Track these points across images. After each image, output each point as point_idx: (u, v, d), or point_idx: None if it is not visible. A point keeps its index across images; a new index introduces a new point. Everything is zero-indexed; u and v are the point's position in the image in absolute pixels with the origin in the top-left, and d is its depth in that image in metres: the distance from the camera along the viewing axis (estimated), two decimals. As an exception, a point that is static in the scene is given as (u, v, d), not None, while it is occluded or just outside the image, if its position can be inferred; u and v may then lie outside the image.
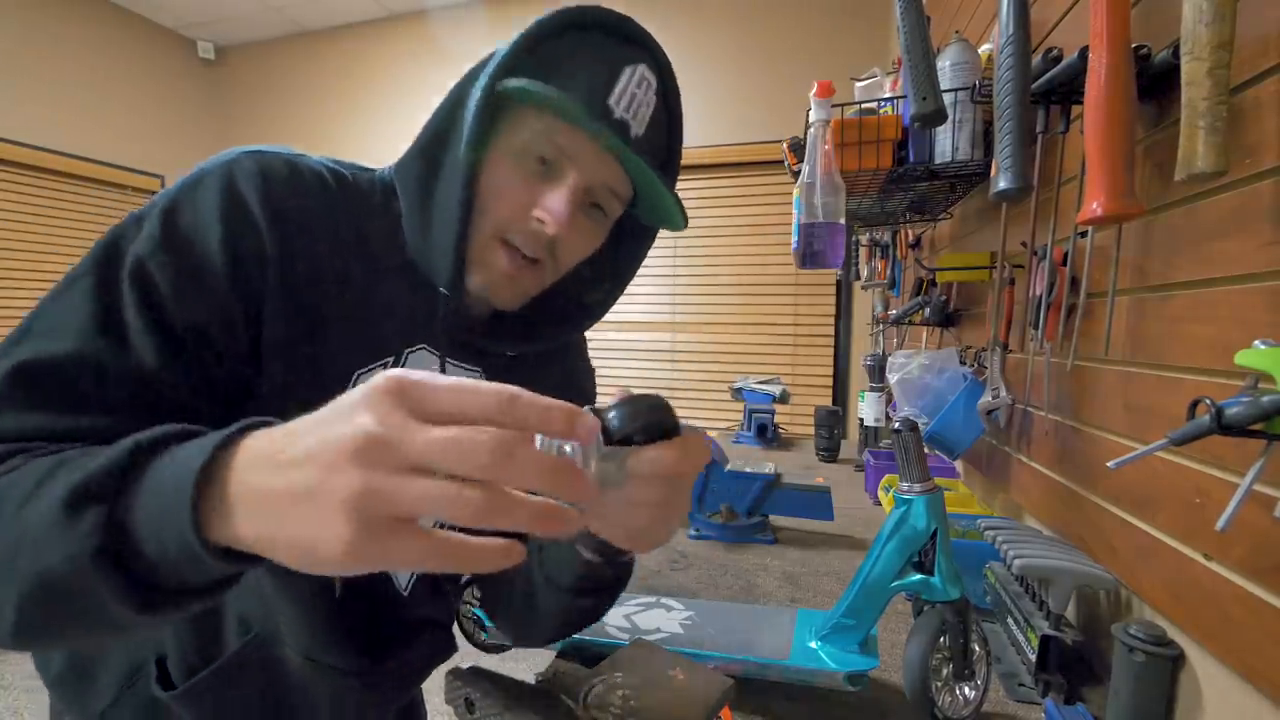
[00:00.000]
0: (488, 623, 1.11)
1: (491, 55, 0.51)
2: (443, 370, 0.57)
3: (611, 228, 0.57)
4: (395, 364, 0.56)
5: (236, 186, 0.47)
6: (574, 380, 0.72)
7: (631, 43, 0.52)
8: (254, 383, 0.49)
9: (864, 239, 2.03)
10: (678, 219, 0.55)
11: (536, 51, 0.50)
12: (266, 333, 0.48)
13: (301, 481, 0.27)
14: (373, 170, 0.58)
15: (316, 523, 0.26)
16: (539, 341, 0.61)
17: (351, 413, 0.27)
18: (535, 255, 0.52)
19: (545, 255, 0.53)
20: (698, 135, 2.85)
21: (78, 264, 0.45)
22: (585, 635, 0.84)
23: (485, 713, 0.60)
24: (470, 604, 1.14)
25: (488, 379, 0.59)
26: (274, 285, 0.48)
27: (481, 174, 0.50)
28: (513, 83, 0.46)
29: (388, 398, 0.27)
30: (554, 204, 0.50)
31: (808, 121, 1.01)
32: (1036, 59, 0.72)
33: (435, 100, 0.52)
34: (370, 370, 0.55)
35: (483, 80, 0.49)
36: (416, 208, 0.53)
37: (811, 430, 1.93)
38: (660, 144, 0.54)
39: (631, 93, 0.50)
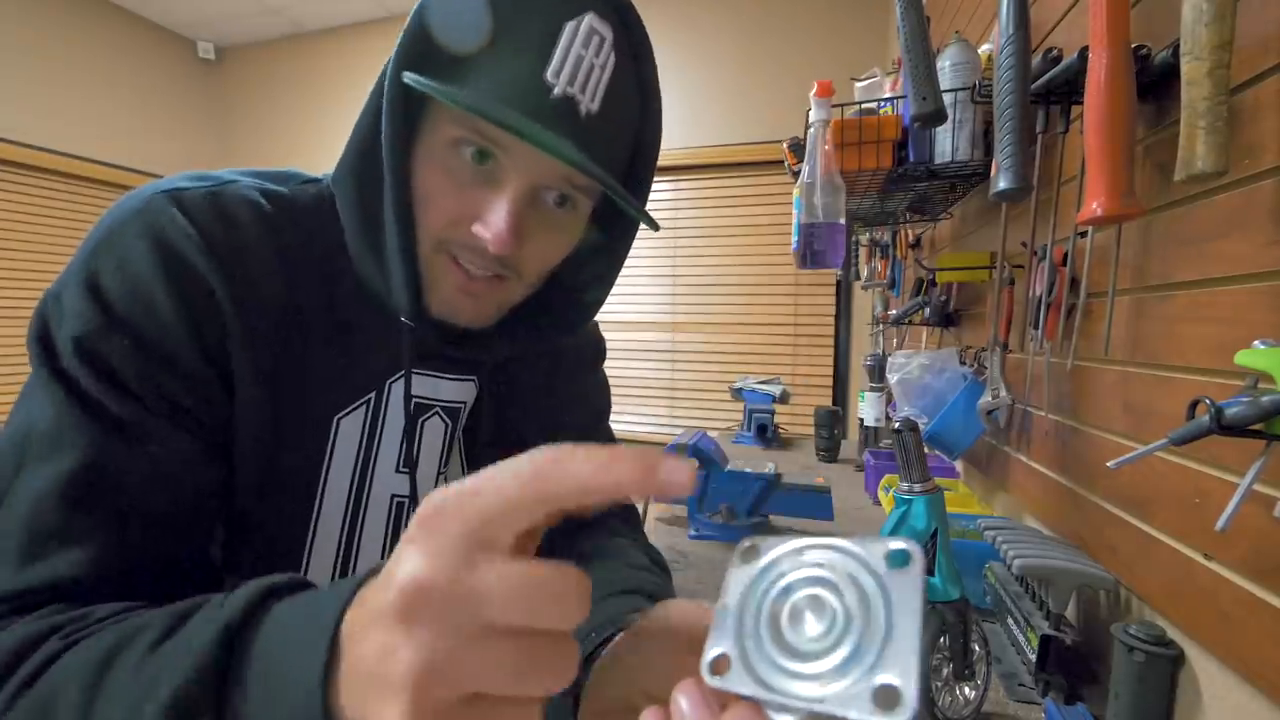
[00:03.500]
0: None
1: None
2: (408, 390, 0.50)
3: (593, 212, 0.48)
4: (378, 399, 0.51)
5: (163, 235, 0.40)
6: (575, 369, 0.65)
7: None
8: (231, 441, 0.44)
9: (864, 239, 2.02)
10: (644, 221, 0.45)
11: (456, 17, 0.40)
12: (237, 391, 0.43)
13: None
14: (318, 179, 0.50)
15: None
16: (528, 344, 0.54)
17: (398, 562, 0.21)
18: (487, 273, 0.44)
19: (502, 270, 0.45)
20: (697, 135, 2.85)
21: (30, 378, 0.39)
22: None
23: None
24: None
25: (483, 389, 0.57)
26: (235, 338, 0.42)
27: (413, 177, 0.42)
28: (410, 78, 0.37)
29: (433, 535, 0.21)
30: (494, 218, 0.41)
31: (808, 121, 1.01)
32: (1036, 59, 0.72)
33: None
34: (351, 412, 0.50)
35: (389, 71, 0.40)
36: (360, 231, 0.45)
37: (811, 430, 1.93)
38: (629, 115, 0.44)
39: (576, 56, 0.39)
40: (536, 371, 0.61)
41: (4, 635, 0.33)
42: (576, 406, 0.65)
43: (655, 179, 0.52)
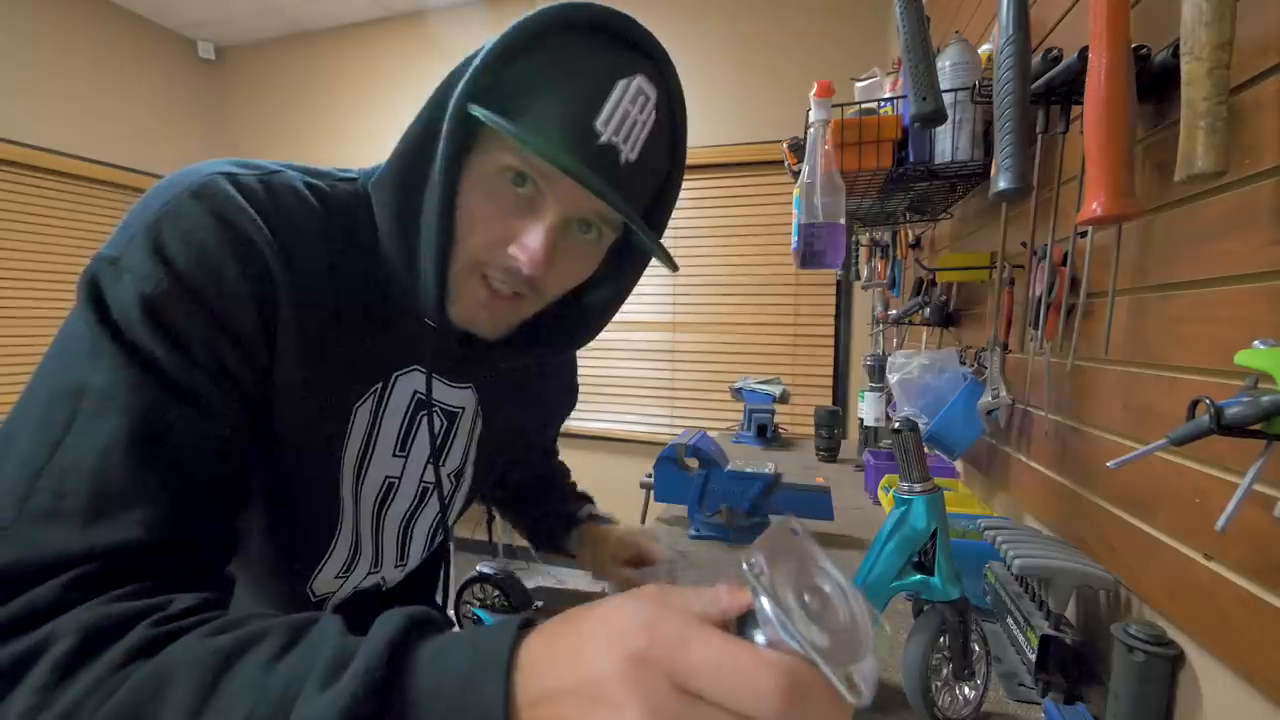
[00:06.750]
0: (488, 623, 1.11)
1: (474, 56, 0.44)
2: (429, 388, 0.55)
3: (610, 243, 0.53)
4: (384, 389, 0.54)
5: (227, 211, 0.42)
6: (560, 402, 0.76)
7: (630, 48, 0.46)
8: (270, 420, 0.47)
9: (864, 239, 2.02)
10: (663, 261, 0.49)
11: (518, 60, 0.43)
12: (278, 370, 0.45)
13: None
14: (353, 178, 0.52)
15: None
16: (531, 357, 0.58)
17: (617, 704, 0.25)
18: (513, 291, 0.48)
19: (525, 289, 0.49)
20: (698, 135, 2.85)
21: (65, 333, 0.39)
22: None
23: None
24: (470, 604, 1.14)
25: (480, 395, 0.62)
26: (284, 318, 0.44)
27: (459, 197, 0.46)
28: (477, 110, 0.41)
29: (650, 679, 0.25)
30: (531, 242, 0.45)
31: (808, 121, 1.01)
32: (1036, 59, 0.72)
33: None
34: (364, 401, 0.52)
35: (453, 100, 0.43)
36: (396, 234, 0.48)
37: (811, 430, 1.93)
38: (658, 166, 0.49)
39: (624, 110, 0.43)
40: (533, 384, 0.68)
41: (83, 612, 0.33)
42: (563, 400, 0.78)
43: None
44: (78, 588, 0.34)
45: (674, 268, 0.51)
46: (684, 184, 0.54)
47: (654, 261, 0.53)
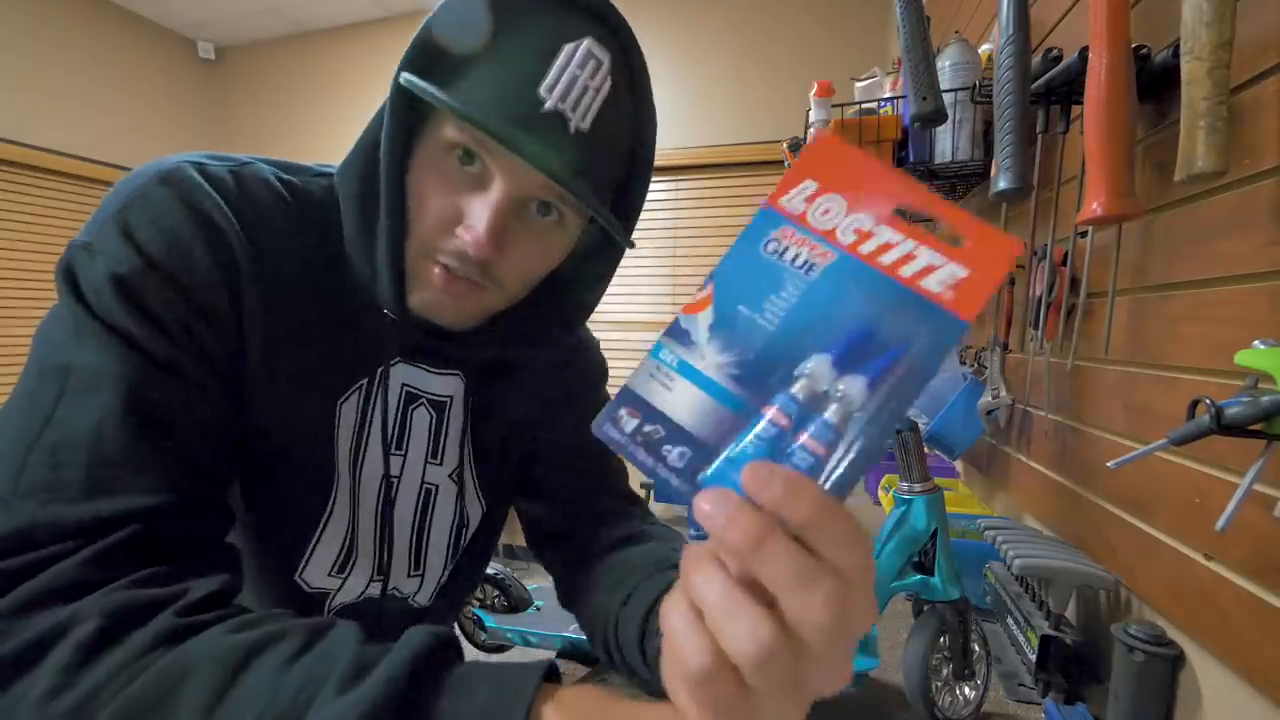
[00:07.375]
0: (488, 623, 1.11)
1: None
2: (385, 376, 0.53)
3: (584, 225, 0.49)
4: (370, 385, 0.52)
5: (193, 200, 0.41)
6: (581, 387, 0.66)
7: (579, 11, 0.42)
8: (249, 412, 0.46)
9: (864, 239, 2.02)
10: (617, 235, 0.46)
11: (457, 29, 0.41)
12: (250, 360, 0.45)
13: None
14: (329, 173, 0.51)
15: None
16: (511, 349, 0.55)
17: None
18: (468, 276, 0.44)
19: (480, 277, 0.45)
20: (697, 135, 2.85)
21: (47, 325, 0.40)
22: (583, 635, 0.84)
23: None
24: (470, 604, 1.14)
25: (469, 385, 0.58)
26: (250, 309, 0.43)
27: (409, 177, 0.43)
28: (406, 79, 0.39)
29: None
30: (476, 222, 0.42)
31: (808, 121, 1.01)
32: (1036, 59, 0.72)
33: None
34: (349, 396, 0.51)
35: (395, 74, 0.41)
36: (357, 225, 0.46)
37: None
38: (620, 136, 0.45)
39: (571, 75, 0.40)
40: (538, 376, 0.61)
41: (105, 596, 0.33)
42: (570, 402, 0.66)
43: (655, 179, 0.53)
44: (96, 564, 0.34)
45: (629, 244, 0.48)
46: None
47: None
